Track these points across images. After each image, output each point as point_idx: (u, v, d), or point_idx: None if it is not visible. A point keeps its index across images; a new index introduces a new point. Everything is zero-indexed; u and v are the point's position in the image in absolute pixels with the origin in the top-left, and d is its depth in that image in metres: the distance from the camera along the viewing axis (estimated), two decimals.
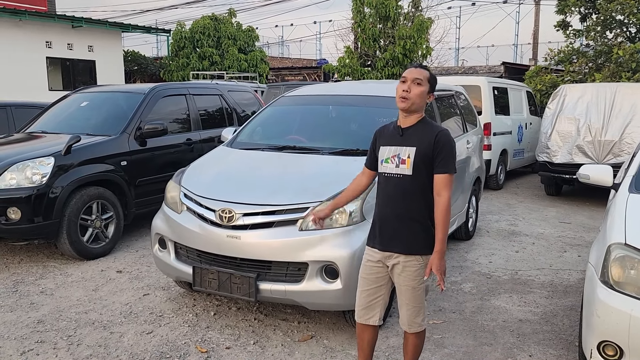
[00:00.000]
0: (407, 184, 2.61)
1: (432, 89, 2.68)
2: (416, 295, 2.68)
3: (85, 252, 5.07)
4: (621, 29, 12.63)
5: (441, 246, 2.55)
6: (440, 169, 2.56)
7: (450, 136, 2.63)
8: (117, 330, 3.61)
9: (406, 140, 2.64)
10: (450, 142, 2.61)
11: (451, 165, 2.58)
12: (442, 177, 2.56)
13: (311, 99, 5.03)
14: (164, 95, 6.29)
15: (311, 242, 3.30)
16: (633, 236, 2.67)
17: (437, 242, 2.56)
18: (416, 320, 2.73)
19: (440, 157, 2.56)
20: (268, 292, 3.36)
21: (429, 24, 15.71)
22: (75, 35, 16.65)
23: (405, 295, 2.69)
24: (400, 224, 2.64)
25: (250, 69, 21.42)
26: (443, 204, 2.55)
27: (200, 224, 3.56)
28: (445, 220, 2.55)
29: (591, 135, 7.89)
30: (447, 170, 2.56)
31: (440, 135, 2.59)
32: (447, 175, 2.56)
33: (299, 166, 3.91)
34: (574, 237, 6.23)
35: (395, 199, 2.64)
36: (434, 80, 2.68)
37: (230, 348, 3.38)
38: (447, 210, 2.55)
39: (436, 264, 2.54)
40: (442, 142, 2.57)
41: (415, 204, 2.61)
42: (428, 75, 2.66)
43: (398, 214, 2.64)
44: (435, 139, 2.57)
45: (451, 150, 2.59)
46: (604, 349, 2.60)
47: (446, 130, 2.65)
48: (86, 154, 5.17)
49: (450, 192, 2.57)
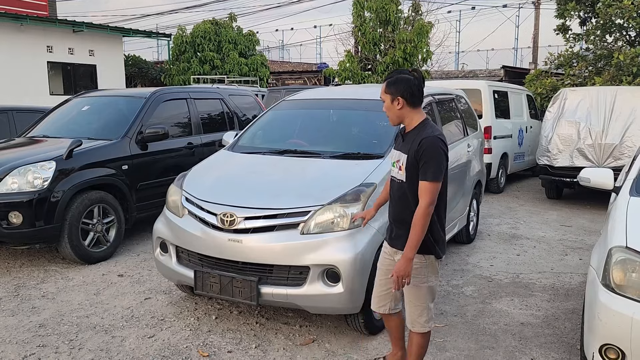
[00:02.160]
0: (403, 189, 2.69)
1: (397, 92, 2.65)
2: (419, 294, 2.73)
3: (86, 256, 5.07)
4: (621, 33, 12.65)
5: (409, 251, 2.55)
6: (421, 175, 2.57)
7: (436, 142, 2.57)
8: (119, 334, 3.61)
9: (404, 146, 2.70)
10: (435, 148, 2.56)
11: (430, 173, 2.54)
12: (422, 184, 2.57)
13: (312, 103, 5.05)
14: (165, 99, 6.31)
15: (313, 245, 3.30)
16: (634, 239, 2.68)
17: (407, 247, 2.56)
18: (419, 320, 2.76)
19: (422, 163, 2.57)
20: (270, 295, 3.36)
21: (429, 28, 15.75)
22: (76, 40, 16.69)
23: (408, 292, 2.75)
24: (400, 225, 2.73)
25: (251, 73, 21.46)
26: (419, 210, 2.55)
27: (202, 227, 3.56)
28: (419, 226, 2.54)
29: (592, 138, 7.90)
30: (426, 177, 2.55)
31: (425, 141, 2.57)
32: (426, 183, 2.55)
33: (300, 170, 3.91)
34: (575, 240, 6.23)
35: (395, 202, 2.77)
36: (394, 83, 2.67)
37: (232, 352, 3.38)
38: (423, 216, 2.54)
39: (398, 266, 2.57)
40: (424, 148, 2.56)
41: (409, 208, 2.64)
42: (384, 86, 2.70)
43: (398, 216, 2.75)
44: (419, 145, 2.57)
45: (433, 156, 2.55)
46: (606, 352, 2.60)
47: (433, 136, 2.59)
48: (87, 158, 5.18)
49: (430, 200, 2.55)
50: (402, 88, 2.65)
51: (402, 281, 2.57)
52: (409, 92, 2.65)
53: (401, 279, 2.56)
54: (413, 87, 2.65)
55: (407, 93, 2.65)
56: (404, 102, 2.65)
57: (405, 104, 2.66)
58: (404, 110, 2.67)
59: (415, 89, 2.66)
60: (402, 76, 2.67)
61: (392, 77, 2.71)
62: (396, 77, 2.68)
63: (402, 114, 2.69)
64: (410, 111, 2.68)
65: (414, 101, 2.67)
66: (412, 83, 2.65)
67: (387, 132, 4.24)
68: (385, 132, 4.27)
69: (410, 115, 2.68)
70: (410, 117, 2.69)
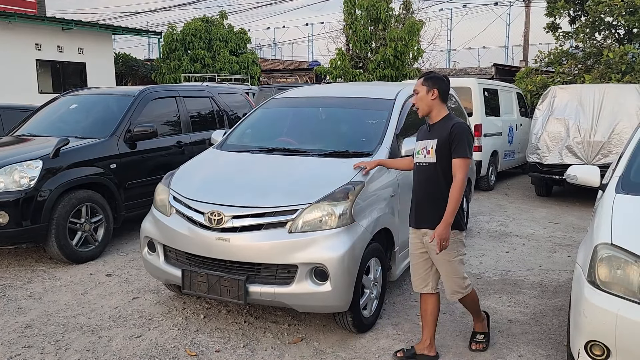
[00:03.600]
0: (431, 170, 3.12)
1: (433, 85, 3.12)
2: (453, 268, 3.15)
3: (74, 256, 5.03)
4: (610, 31, 12.74)
5: (448, 217, 2.98)
6: (455, 153, 3.03)
7: (465, 127, 3.08)
8: (106, 334, 3.59)
9: (432, 134, 3.15)
10: (464, 131, 3.06)
11: (463, 150, 3.02)
12: (456, 161, 3.03)
13: (301, 101, 5.04)
14: (153, 97, 6.27)
15: (300, 244, 3.29)
16: (619, 236, 2.69)
17: (446, 213, 2.98)
18: (458, 289, 3.20)
19: (454, 144, 3.03)
20: (257, 294, 3.35)
21: (420, 26, 15.77)
22: (66, 38, 16.54)
23: (442, 267, 3.17)
24: (429, 203, 3.12)
25: (242, 71, 21.38)
26: (457, 183, 3.00)
27: (190, 226, 3.54)
28: (456, 196, 2.98)
29: (580, 136, 7.95)
30: (459, 154, 3.02)
31: (455, 126, 3.07)
32: (459, 159, 3.02)
33: (289, 168, 3.90)
34: (564, 238, 6.26)
35: (425, 183, 3.16)
36: (432, 78, 3.15)
37: (219, 351, 3.36)
38: (459, 188, 2.99)
39: (439, 230, 2.98)
40: (455, 132, 3.04)
41: (440, 186, 3.08)
42: (421, 80, 3.17)
43: (427, 195, 3.14)
44: (451, 130, 3.06)
45: (463, 137, 3.03)
46: (591, 348, 2.61)
47: (461, 123, 3.10)
48: (75, 157, 5.13)
49: (464, 175, 3.01)
50: (437, 83, 3.14)
51: (443, 244, 2.96)
52: (443, 88, 3.15)
53: (442, 241, 2.96)
54: (446, 86, 3.18)
55: (440, 88, 3.14)
56: (438, 94, 3.12)
57: (438, 96, 3.13)
58: (435, 102, 3.14)
59: (447, 87, 3.18)
60: (438, 75, 3.20)
61: (429, 74, 3.22)
62: (434, 74, 3.20)
63: (433, 105, 3.14)
64: (439, 104, 3.15)
65: (444, 97, 3.17)
66: (445, 82, 3.17)
67: (375, 130, 4.24)
68: (374, 130, 4.27)
69: (438, 107, 3.15)
70: (438, 110, 3.16)
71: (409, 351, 3.31)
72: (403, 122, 4.40)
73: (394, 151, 4.04)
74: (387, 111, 4.36)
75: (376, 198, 3.73)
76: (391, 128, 4.18)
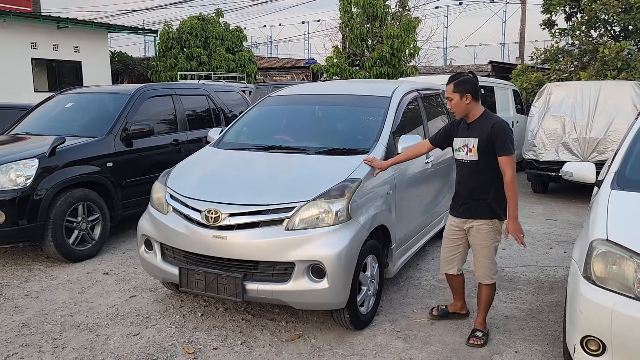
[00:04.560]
0: (474, 167, 3.35)
1: (465, 90, 3.29)
2: (488, 253, 3.43)
3: (71, 255, 5.02)
4: (605, 28, 12.78)
5: (513, 213, 3.26)
6: (500, 152, 3.25)
7: (504, 124, 3.29)
8: (103, 332, 3.59)
9: (472, 133, 3.34)
10: (504, 129, 3.27)
11: (507, 148, 3.24)
12: (503, 159, 3.25)
13: (298, 99, 5.03)
14: (150, 95, 6.26)
15: (297, 241, 3.30)
16: (614, 232, 2.70)
17: (509, 210, 3.27)
18: (489, 274, 3.46)
19: (498, 143, 3.24)
20: (255, 292, 3.35)
21: (416, 24, 15.76)
22: (61, 36, 16.49)
23: (479, 252, 3.45)
24: (472, 197, 3.39)
25: (238, 69, 21.36)
26: (508, 179, 3.24)
27: (187, 224, 3.54)
28: (512, 192, 3.24)
29: (576, 132, 7.97)
30: (505, 152, 3.23)
31: (496, 125, 3.27)
32: (505, 157, 3.24)
33: (285, 166, 3.90)
34: (560, 234, 6.29)
35: (467, 179, 3.41)
36: (461, 83, 3.29)
37: (217, 349, 3.37)
38: (512, 184, 3.24)
39: (511, 227, 3.27)
40: (496, 131, 3.25)
41: (482, 182, 3.35)
42: (452, 87, 3.33)
43: (471, 190, 3.39)
44: (492, 129, 3.25)
45: (505, 135, 3.24)
46: (587, 344, 2.63)
47: (501, 121, 3.31)
48: (71, 156, 5.12)
49: (513, 170, 3.24)
50: (468, 86, 3.29)
51: (520, 236, 3.27)
52: (473, 89, 3.30)
53: (517, 234, 3.26)
54: (475, 84, 3.31)
55: (472, 89, 3.30)
56: (471, 97, 3.30)
57: (471, 98, 3.30)
58: (470, 104, 3.32)
59: (476, 85, 3.32)
60: (465, 77, 3.32)
61: (456, 78, 3.32)
62: (461, 78, 3.31)
63: (469, 108, 3.33)
64: (474, 104, 3.33)
65: (477, 96, 3.32)
66: (474, 81, 3.31)
67: (372, 127, 4.25)
68: (370, 127, 4.27)
69: (474, 107, 3.34)
70: (474, 109, 3.34)
71: (443, 310, 3.77)
72: (400, 120, 4.40)
73: (391, 148, 4.05)
74: (383, 108, 4.36)
75: (373, 195, 3.73)
76: (387, 125, 4.19)
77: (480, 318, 3.54)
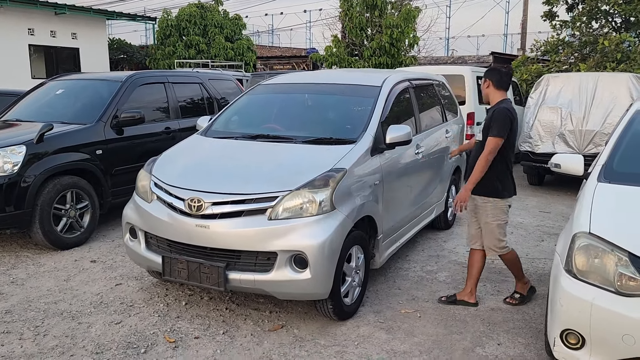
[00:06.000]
0: (479, 147, 3.72)
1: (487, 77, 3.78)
2: (491, 228, 3.75)
3: (59, 242, 5.01)
4: (607, 20, 12.65)
5: (469, 183, 3.66)
6: (490, 132, 3.62)
7: (502, 110, 3.64)
8: (86, 320, 3.58)
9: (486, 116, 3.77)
10: (500, 114, 3.62)
11: (494, 130, 3.59)
12: (489, 139, 3.62)
13: (287, 87, 4.98)
14: (141, 83, 6.21)
15: (280, 231, 3.27)
16: (598, 225, 2.67)
17: (468, 181, 3.67)
18: (493, 248, 3.78)
19: (492, 125, 3.63)
20: (237, 281, 3.33)
21: (416, 13, 15.61)
22: (59, 23, 16.39)
23: (484, 228, 3.80)
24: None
25: (237, 58, 21.23)
26: (482, 155, 3.61)
27: (170, 213, 3.52)
28: (479, 167, 3.61)
29: (573, 124, 7.90)
30: (491, 133, 3.61)
31: (495, 110, 3.69)
32: (490, 138, 3.61)
33: (271, 155, 3.86)
34: (553, 227, 6.26)
35: (474, 158, 3.74)
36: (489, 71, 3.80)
37: (199, 338, 3.36)
38: (482, 160, 3.60)
39: (458, 194, 3.70)
40: (494, 115, 3.65)
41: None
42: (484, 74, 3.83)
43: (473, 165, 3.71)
44: (492, 113, 3.68)
45: (498, 120, 3.60)
46: (566, 337, 2.61)
47: (501, 107, 3.67)
48: (60, 143, 5.09)
49: (489, 150, 3.59)
50: (492, 75, 3.78)
51: (460, 204, 3.67)
52: (496, 78, 3.76)
53: (459, 202, 3.67)
54: (502, 75, 3.75)
55: (494, 78, 3.76)
56: (491, 84, 3.77)
57: (491, 85, 3.77)
58: (490, 90, 3.78)
59: (504, 76, 3.76)
60: (495, 67, 3.88)
61: (490, 67, 3.88)
62: (492, 68, 3.86)
63: (488, 93, 3.80)
64: (494, 92, 3.78)
65: (500, 85, 3.76)
66: (501, 72, 3.77)
67: (361, 117, 4.20)
68: (359, 117, 4.22)
69: (494, 94, 3.78)
70: (494, 96, 3.78)
71: (451, 297, 3.95)
72: (389, 110, 4.35)
73: (379, 138, 4.00)
74: (373, 98, 4.31)
75: (359, 185, 3.69)
76: (376, 115, 4.13)
77: (517, 281, 3.96)
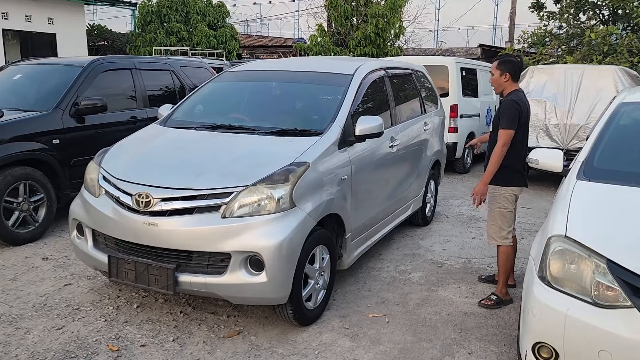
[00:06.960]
0: (492, 137, 3.73)
1: (506, 69, 3.66)
2: (493, 216, 3.78)
3: (10, 237, 4.69)
4: (594, 12, 12.47)
5: (485, 177, 3.67)
6: (499, 125, 3.61)
7: (511, 102, 3.60)
8: (24, 325, 3.28)
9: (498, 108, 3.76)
10: (508, 106, 3.60)
11: (504, 123, 3.59)
12: (500, 132, 3.60)
13: (255, 75, 4.69)
14: (105, 69, 5.86)
15: (235, 230, 3.00)
16: (575, 228, 2.43)
17: (484, 173, 3.68)
18: (494, 236, 3.77)
19: (500, 117, 3.63)
20: (188, 284, 3.06)
21: (401, 3, 15.30)
22: (34, 7, 15.81)
23: (488, 214, 3.84)
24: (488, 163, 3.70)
25: (219, 46, 20.75)
26: (496, 148, 3.61)
27: (117, 209, 3.23)
28: (494, 159, 3.60)
29: (557, 118, 7.69)
30: (501, 126, 3.60)
31: (504, 101, 3.66)
32: (501, 130, 3.60)
33: (230, 147, 3.57)
34: (534, 224, 6.05)
35: (488, 148, 3.77)
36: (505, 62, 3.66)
37: (145, 346, 3.08)
38: (497, 153, 3.59)
39: (477, 187, 3.69)
40: (502, 107, 3.64)
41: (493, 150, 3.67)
42: (496, 64, 3.71)
43: (488, 157, 3.73)
44: (501, 105, 3.67)
45: (507, 111, 3.59)
46: (538, 350, 2.38)
47: (510, 99, 3.62)
48: (11, 131, 4.75)
49: (502, 142, 3.58)
50: (510, 66, 3.66)
51: (479, 198, 3.67)
52: (514, 70, 3.66)
53: (476, 196, 3.69)
54: (517, 66, 3.68)
55: (512, 70, 3.66)
56: (509, 76, 3.68)
57: (510, 77, 3.68)
58: (507, 83, 3.70)
59: (518, 68, 3.69)
60: (510, 58, 3.70)
61: (503, 57, 3.70)
62: (506, 58, 3.69)
63: (505, 85, 3.71)
64: (510, 84, 3.71)
65: (515, 77, 3.70)
66: (516, 64, 3.68)
67: (330, 107, 3.92)
68: (328, 107, 3.95)
69: (508, 86, 3.71)
70: (508, 88, 3.71)
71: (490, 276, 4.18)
72: (360, 100, 4.09)
73: (348, 130, 3.73)
74: (343, 87, 4.04)
75: (324, 181, 3.42)
76: (346, 105, 3.86)
77: (500, 282, 3.79)
